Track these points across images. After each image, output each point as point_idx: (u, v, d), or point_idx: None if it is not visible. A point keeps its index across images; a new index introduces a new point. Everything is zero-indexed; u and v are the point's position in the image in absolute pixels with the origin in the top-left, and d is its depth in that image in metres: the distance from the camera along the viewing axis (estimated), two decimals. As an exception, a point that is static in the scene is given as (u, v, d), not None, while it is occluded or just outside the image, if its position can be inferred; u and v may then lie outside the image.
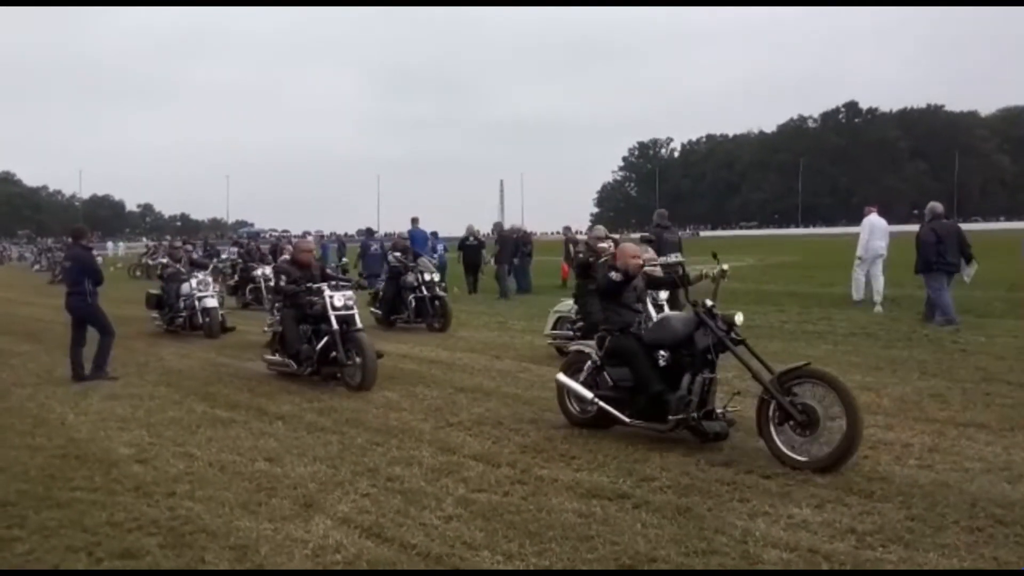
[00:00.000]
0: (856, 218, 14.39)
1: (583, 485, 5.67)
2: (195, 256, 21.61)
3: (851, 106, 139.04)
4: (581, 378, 7.24)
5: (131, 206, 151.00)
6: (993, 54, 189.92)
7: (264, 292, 19.06)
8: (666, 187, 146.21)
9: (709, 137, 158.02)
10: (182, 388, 9.73)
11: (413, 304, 15.16)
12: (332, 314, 9.55)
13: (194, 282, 15.07)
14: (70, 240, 11.85)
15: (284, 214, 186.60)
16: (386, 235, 24.56)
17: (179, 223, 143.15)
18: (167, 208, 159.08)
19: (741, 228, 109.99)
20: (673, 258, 12.13)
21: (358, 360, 9.28)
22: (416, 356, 11.81)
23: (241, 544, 4.76)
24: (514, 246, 22.21)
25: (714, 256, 7.42)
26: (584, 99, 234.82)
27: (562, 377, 7.36)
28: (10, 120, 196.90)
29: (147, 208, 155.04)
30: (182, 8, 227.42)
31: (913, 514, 4.93)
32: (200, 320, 14.68)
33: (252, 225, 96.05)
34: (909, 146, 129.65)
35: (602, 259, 9.83)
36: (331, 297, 9.64)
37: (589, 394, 7.04)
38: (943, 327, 12.66)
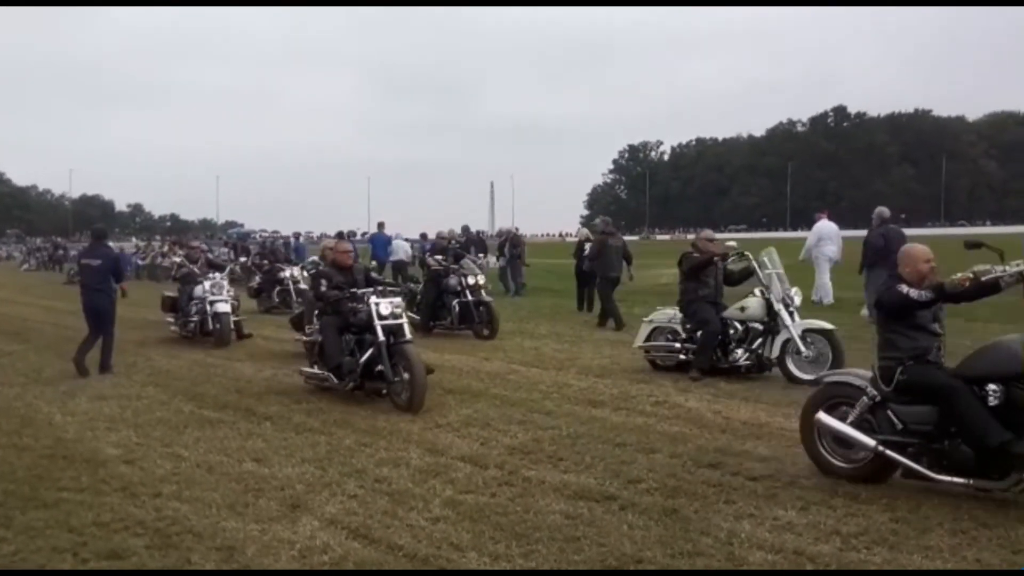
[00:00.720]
0: (845, 222, 14.55)
1: (570, 487, 5.69)
2: (211, 256, 20.72)
3: (840, 110, 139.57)
4: (851, 418, 5.70)
5: (121, 206, 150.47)
6: (981, 60, 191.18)
7: (293, 295, 18.31)
8: (656, 190, 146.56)
9: (699, 140, 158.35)
10: (170, 388, 9.71)
11: (457, 309, 14.06)
12: (378, 324, 8.54)
13: (207, 284, 13.92)
14: (92, 240, 12.16)
15: (275, 215, 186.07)
16: (396, 235, 24.37)
17: (169, 223, 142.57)
18: (157, 208, 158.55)
19: (730, 231, 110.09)
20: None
21: (406, 376, 8.28)
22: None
23: (228, 545, 4.76)
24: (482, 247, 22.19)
25: (1000, 255, 6.03)
26: (575, 102, 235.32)
27: (825, 418, 5.76)
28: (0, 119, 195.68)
29: (137, 208, 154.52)
30: (177, 8, 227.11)
31: (898, 516, 4.97)
32: (212, 326, 13.59)
33: (242, 226, 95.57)
34: (897, 150, 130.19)
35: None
36: (377, 305, 8.64)
37: (871, 441, 5.47)
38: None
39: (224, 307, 13.67)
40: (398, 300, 8.98)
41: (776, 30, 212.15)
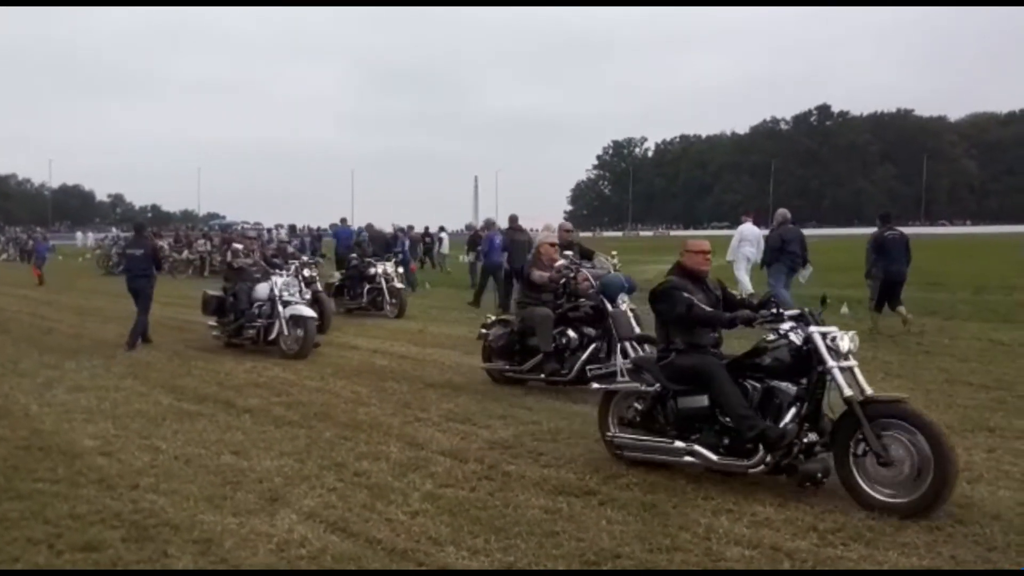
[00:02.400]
0: (827, 220, 14.77)
1: (550, 481, 5.69)
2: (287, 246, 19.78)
3: (823, 109, 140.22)
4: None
5: (101, 196, 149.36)
6: (963, 61, 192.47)
7: (387, 295, 16.62)
8: (640, 186, 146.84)
9: (683, 137, 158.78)
10: (149, 380, 9.65)
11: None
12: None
13: (278, 283, 11.79)
14: (133, 232, 14.82)
15: (257, 207, 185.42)
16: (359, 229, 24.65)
17: (150, 214, 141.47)
18: (138, 199, 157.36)
19: (713, 228, 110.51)
20: None
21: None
22: (387, 351, 11.78)
23: (205, 538, 4.73)
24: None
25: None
26: (560, 98, 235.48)
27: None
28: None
29: (118, 199, 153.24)
30: (164, 7, 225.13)
31: (874, 513, 4.99)
32: (286, 332, 11.33)
33: (224, 217, 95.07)
34: (879, 150, 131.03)
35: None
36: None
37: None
38: None
39: (307, 311, 11.46)
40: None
41: (761, 29, 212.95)
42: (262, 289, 11.94)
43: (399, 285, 17.14)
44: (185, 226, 65.04)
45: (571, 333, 8.69)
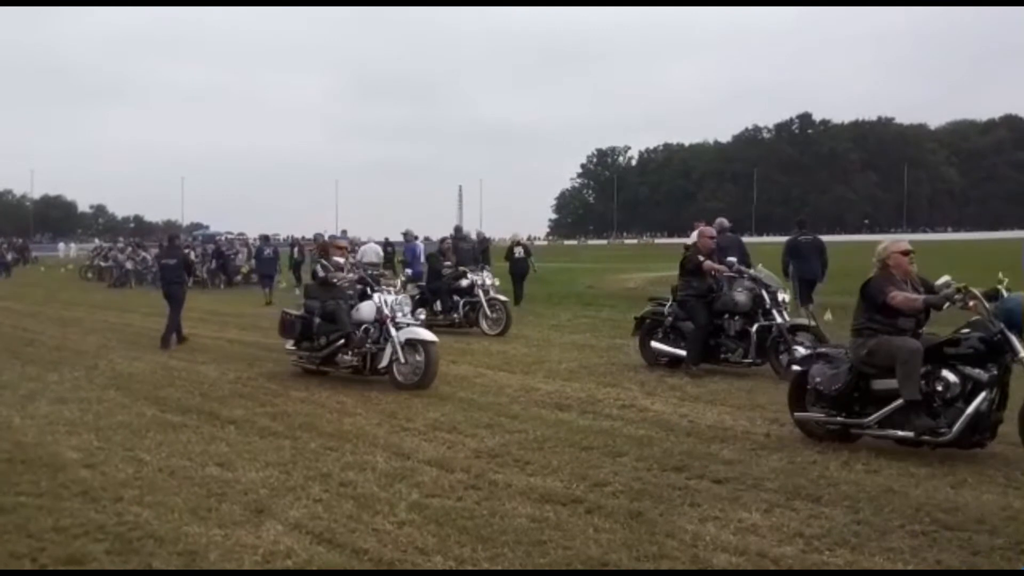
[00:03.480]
0: (811, 228, 14.90)
1: (536, 490, 5.69)
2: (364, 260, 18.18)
3: (805, 117, 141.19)
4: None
5: (83, 207, 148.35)
6: (943, 69, 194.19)
7: (487, 309, 14.94)
8: (624, 195, 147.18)
9: (666, 146, 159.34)
10: (132, 392, 9.58)
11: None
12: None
13: (387, 300, 9.91)
14: (167, 242, 16.06)
15: (241, 217, 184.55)
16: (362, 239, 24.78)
17: (132, 224, 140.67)
18: (121, 209, 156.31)
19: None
20: None
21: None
22: (371, 361, 11.73)
23: (190, 550, 4.70)
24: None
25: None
26: (543, 106, 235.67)
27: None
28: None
29: (100, 209, 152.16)
30: (143, 7, 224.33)
31: (860, 518, 5.02)
32: (402, 359, 9.45)
33: (208, 228, 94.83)
34: (860, 158, 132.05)
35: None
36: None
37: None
38: None
39: (427, 334, 9.61)
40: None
41: (744, 38, 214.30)
42: (367, 309, 10.03)
43: (501, 298, 15.31)
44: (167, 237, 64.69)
45: (949, 376, 6.37)
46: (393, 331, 9.60)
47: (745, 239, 17.06)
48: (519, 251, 20.29)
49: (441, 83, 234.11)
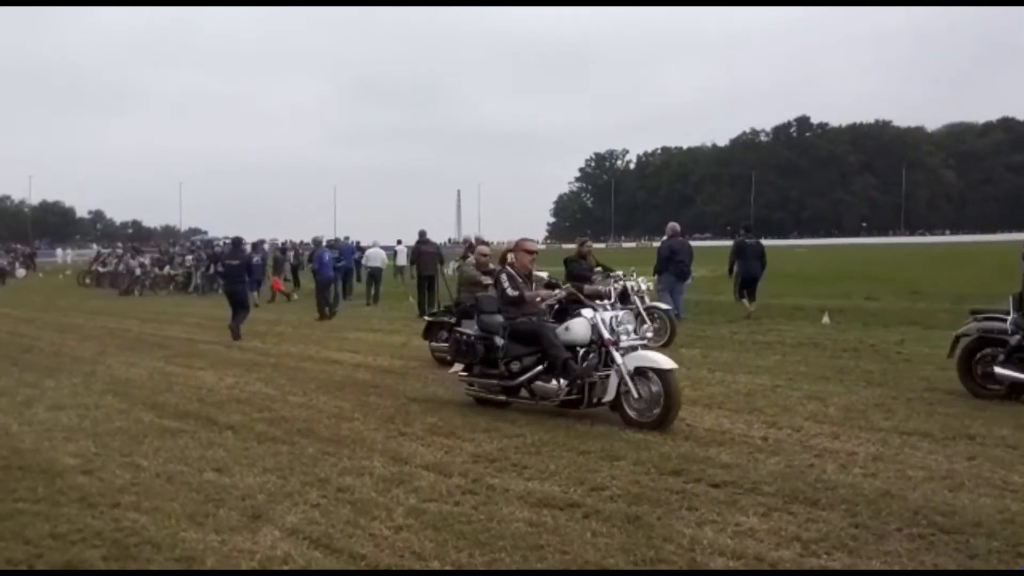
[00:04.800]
0: (807, 231, 15.18)
1: (534, 494, 5.68)
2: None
3: (802, 120, 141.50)
4: None
5: (82, 212, 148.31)
6: (940, 72, 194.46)
7: (645, 318, 12.47)
8: (622, 198, 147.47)
9: (664, 149, 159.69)
10: (130, 397, 9.58)
11: None
12: None
13: (605, 318, 8.09)
14: (231, 246, 17.73)
15: (240, 222, 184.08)
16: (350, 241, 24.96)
17: (131, 230, 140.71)
18: (119, 215, 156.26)
19: (695, 239, 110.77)
20: None
21: None
22: (370, 365, 11.76)
23: (187, 556, 4.70)
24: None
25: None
26: (542, 110, 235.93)
27: None
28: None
29: (98, 215, 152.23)
30: (140, 11, 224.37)
31: (857, 522, 5.02)
32: (635, 392, 7.63)
33: (206, 232, 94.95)
34: (858, 160, 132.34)
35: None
36: None
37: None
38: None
39: (665, 360, 7.71)
40: None
41: (741, 42, 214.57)
42: (580, 328, 8.21)
43: (662, 306, 13.37)
44: (167, 241, 64.74)
45: None
46: (618, 357, 7.81)
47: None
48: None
49: (440, 87, 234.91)
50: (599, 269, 14.34)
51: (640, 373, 7.68)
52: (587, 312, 8.27)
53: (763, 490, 5.65)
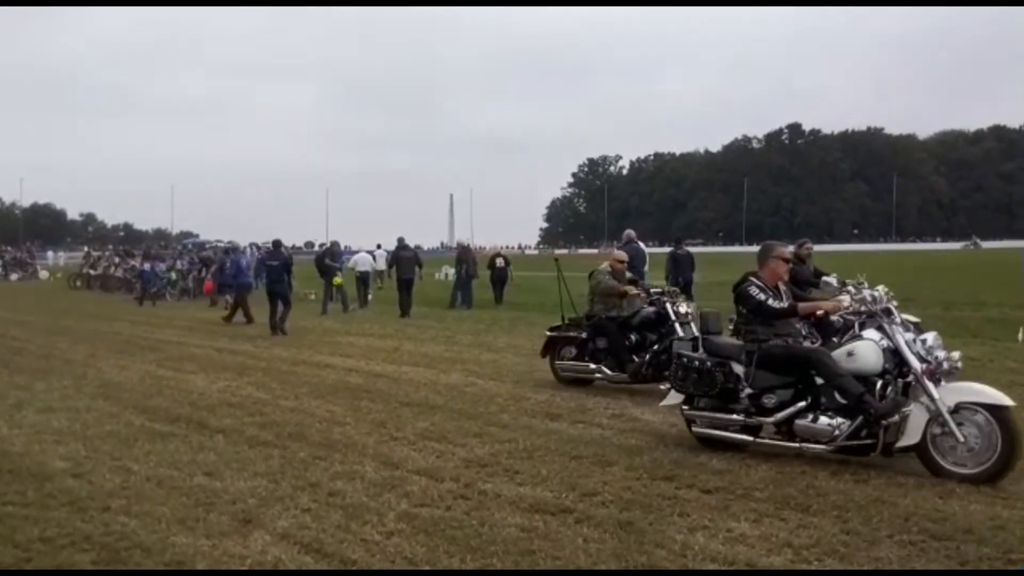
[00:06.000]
0: (801, 237, 15.25)
1: (526, 500, 5.67)
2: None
3: (794, 127, 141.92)
4: None
5: (73, 215, 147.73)
6: (931, 80, 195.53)
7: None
8: (614, 204, 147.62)
9: (657, 155, 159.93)
10: (120, 401, 9.54)
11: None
12: None
13: (907, 338, 6.48)
14: (272, 248, 19.07)
15: (231, 226, 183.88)
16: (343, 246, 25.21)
17: (122, 233, 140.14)
18: (111, 217, 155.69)
19: (687, 245, 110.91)
20: None
21: None
22: (362, 370, 11.73)
23: (177, 560, 4.68)
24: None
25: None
26: (535, 116, 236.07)
27: None
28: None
29: (89, 217, 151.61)
30: (134, 15, 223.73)
31: (848, 528, 5.02)
32: (957, 435, 5.95)
33: (198, 236, 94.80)
34: (850, 167, 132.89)
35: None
36: None
37: None
38: None
39: (997, 395, 6.03)
40: None
41: (733, 49, 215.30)
42: (868, 353, 6.51)
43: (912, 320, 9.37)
44: (158, 244, 64.52)
45: None
46: (934, 390, 6.12)
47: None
48: (500, 261, 24.01)
49: (430, 93, 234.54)
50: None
51: (963, 411, 6.04)
52: (871, 332, 6.71)
53: (755, 496, 5.66)
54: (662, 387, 7.56)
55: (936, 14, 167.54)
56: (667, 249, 20.57)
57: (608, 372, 9.85)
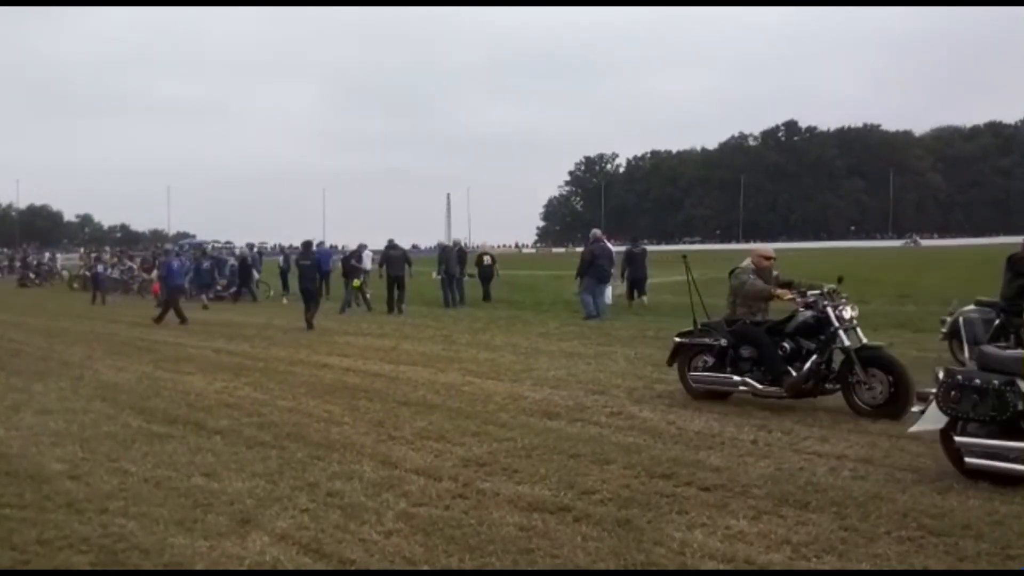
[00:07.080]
0: (797, 234, 15.21)
1: (524, 498, 5.67)
2: None
3: (790, 125, 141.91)
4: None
5: (69, 216, 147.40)
6: (928, 76, 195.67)
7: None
8: (611, 202, 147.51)
9: (654, 153, 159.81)
10: (118, 402, 9.52)
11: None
12: None
13: None
14: (302, 248, 19.94)
15: (228, 226, 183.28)
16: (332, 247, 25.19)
17: (119, 234, 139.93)
18: (107, 219, 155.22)
19: (684, 243, 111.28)
20: None
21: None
22: (359, 369, 11.72)
23: (175, 562, 4.67)
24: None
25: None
26: (531, 114, 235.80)
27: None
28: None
29: (86, 219, 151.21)
30: (129, 15, 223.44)
31: (847, 524, 5.03)
32: None
33: (194, 237, 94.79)
34: (846, 164, 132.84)
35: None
36: None
37: None
38: (585, 320, 17.55)
39: None
40: None
41: (729, 47, 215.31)
42: None
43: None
44: (155, 245, 64.32)
45: None
46: None
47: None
48: (487, 259, 25.18)
49: (426, 92, 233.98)
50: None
51: None
52: None
53: (753, 493, 5.66)
54: (914, 409, 6.32)
55: (934, 13, 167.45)
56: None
57: (757, 385, 8.54)
